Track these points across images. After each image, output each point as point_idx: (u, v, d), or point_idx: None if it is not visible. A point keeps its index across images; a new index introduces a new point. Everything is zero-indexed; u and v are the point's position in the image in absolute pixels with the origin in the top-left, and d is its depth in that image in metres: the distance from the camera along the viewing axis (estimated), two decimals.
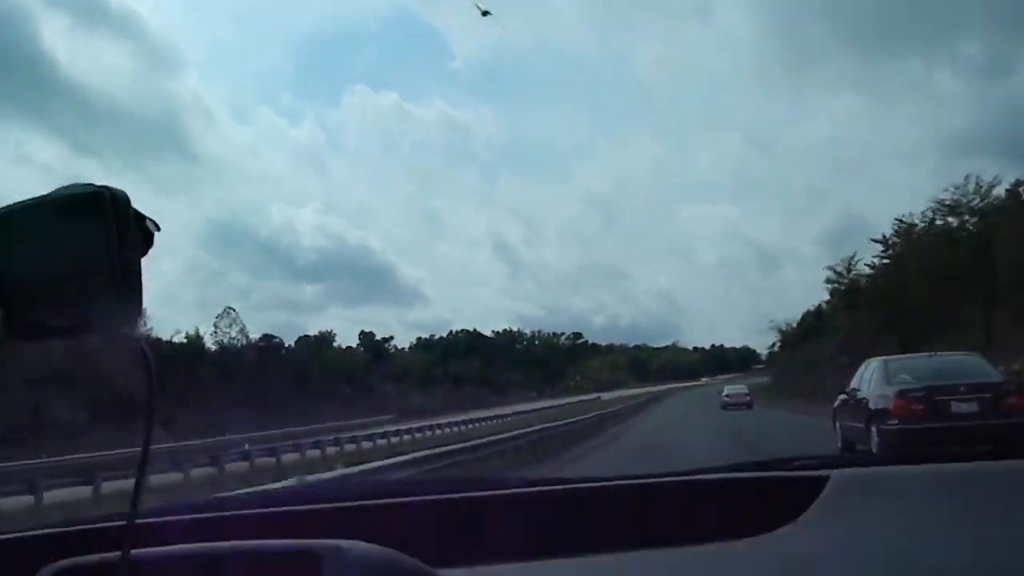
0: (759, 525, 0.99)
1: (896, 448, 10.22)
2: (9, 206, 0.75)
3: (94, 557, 0.83)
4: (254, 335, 63.59)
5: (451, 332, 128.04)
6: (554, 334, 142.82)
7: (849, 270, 50.72)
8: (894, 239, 42.75)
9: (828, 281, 52.68)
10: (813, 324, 55.88)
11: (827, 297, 54.97)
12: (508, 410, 48.04)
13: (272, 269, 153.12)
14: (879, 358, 12.87)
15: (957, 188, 39.23)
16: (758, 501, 1.09)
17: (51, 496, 15.22)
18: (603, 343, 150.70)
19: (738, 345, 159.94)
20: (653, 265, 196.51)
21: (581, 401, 55.61)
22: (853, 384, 12.82)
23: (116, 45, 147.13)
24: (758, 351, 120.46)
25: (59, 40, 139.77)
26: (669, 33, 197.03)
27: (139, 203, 0.74)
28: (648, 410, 45.52)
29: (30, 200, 0.75)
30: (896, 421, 10.58)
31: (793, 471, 1.21)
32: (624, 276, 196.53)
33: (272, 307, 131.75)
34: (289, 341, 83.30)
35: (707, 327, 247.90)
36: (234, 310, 59.79)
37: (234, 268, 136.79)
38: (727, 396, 41.77)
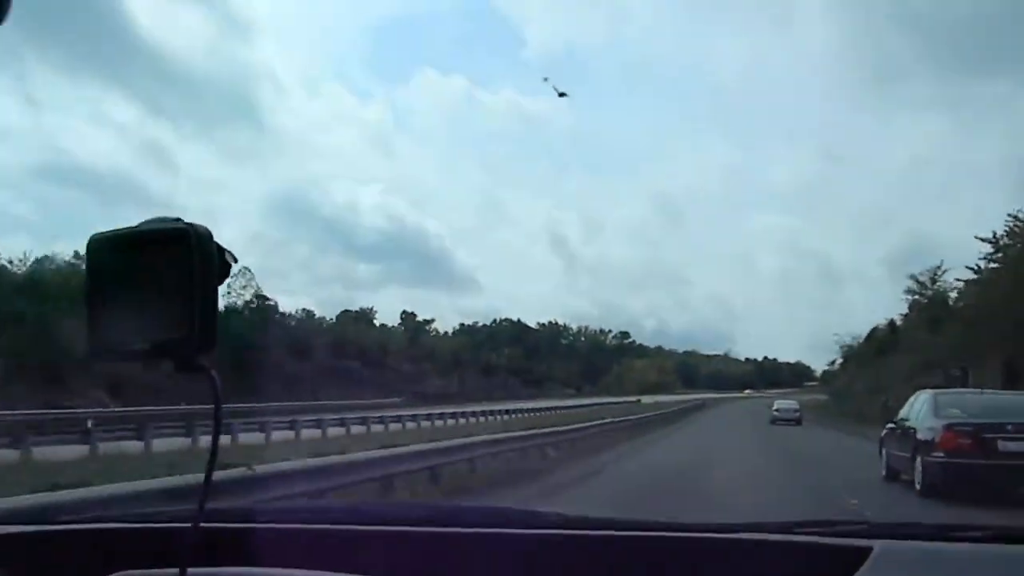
0: None
1: (939, 480, 10.81)
2: (101, 233, 0.83)
3: (153, 573, 0.88)
4: (270, 302, 58.62)
5: (495, 320, 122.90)
6: (601, 331, 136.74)
7: (934, 280, 43.90)
8: (1005, 240, 34.79)
9: (908, 292, 46.15)
10: (886, 339, 48.84)
11: (903, 311, 48.11)
12: (529, 404, 43.11)
13: (330, 245, 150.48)
14: (929, 390, 13.36)
15: None
16: (798, 568, 1.10)
17: None
18: (651, 345, 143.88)
19: (792, 360, 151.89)
20: (711, 272, 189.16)
21: (617, 403, 49.97)
22: (902, 414, 13.29)
23: (195, 9, 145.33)
24: (812, 367, 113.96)
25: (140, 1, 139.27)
26: (749, 40, 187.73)
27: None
28: (686, 420, 40.01)
29: (121, 230, 0.83)
30: (941, 454, 10.91)
31: (837, 537, 1.21)
32: (681, 281, 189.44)
33: (328, 282, 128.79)
34: (331, 315, 79.31)
35: (761, 339, 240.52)
36: (250, 270, 54.87)
37: (293, 240, 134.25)
38: (777, 411, 43.09)
